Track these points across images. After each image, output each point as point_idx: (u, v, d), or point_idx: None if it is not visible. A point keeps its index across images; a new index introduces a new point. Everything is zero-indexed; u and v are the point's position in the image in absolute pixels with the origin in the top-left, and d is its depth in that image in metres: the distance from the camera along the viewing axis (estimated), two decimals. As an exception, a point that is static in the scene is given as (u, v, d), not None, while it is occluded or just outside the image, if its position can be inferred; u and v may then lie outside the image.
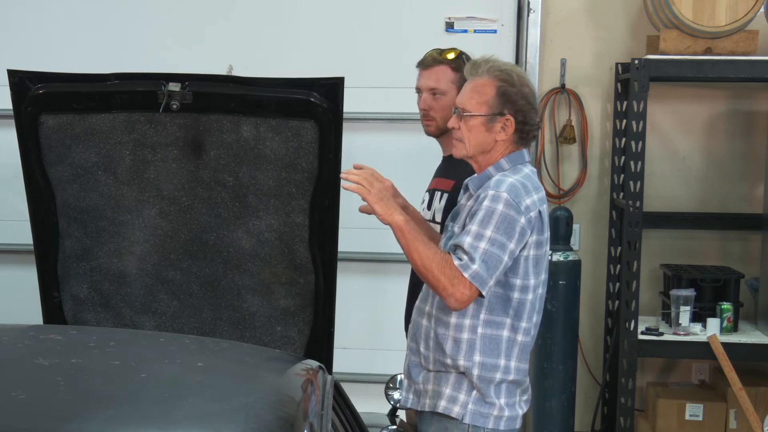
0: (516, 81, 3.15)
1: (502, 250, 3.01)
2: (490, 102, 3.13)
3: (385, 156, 5.50)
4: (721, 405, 5.26)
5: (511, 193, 3.04)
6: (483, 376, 3.12)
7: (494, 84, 3.14)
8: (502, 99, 3.13)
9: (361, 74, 5.22)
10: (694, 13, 4.99)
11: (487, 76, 3.15)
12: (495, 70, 3.15)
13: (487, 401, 3.13)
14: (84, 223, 3.75)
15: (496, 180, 3.10)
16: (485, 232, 3.01)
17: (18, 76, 3.59)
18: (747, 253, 5.59)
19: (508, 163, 3.18)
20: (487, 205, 3.03)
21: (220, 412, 2.26)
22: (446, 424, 3.16)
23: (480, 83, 3.16)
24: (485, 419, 3.13)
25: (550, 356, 5.28)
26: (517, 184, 3.08)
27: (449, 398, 3.14)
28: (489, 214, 3.02)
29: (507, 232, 3.02)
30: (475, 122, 3.15)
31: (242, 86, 3.56)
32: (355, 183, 3.05)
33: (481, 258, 2.99)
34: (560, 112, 5.63)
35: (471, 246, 2.99)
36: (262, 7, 5.57)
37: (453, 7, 5.51)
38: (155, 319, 3.82)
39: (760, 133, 5.52)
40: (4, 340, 2.73)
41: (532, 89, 3.21)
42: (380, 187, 3.08)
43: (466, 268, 2.98)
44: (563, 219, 5.33)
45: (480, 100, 3.14)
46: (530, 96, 3.17)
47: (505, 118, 3.14)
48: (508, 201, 3.03)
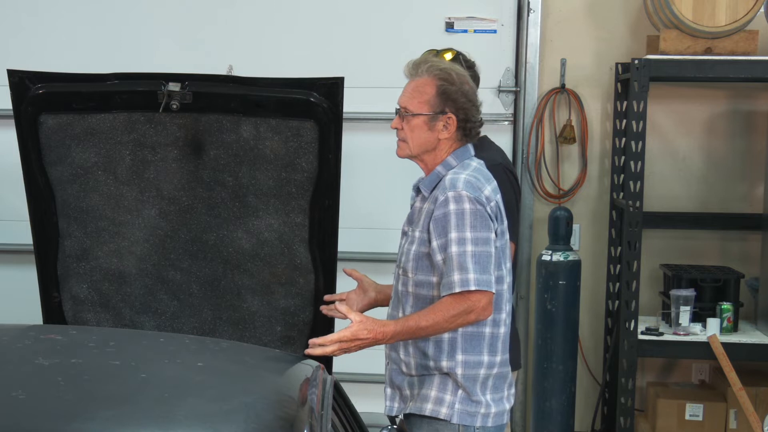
0: (455, 79, 3.18)
1: (487, 245, 3.06)
2: (431, 101, 3.16)
3: (386, 156, 5.48)
4: (721, 405, 5.26)
5: (468, 189, 3.08)
6: (467, 375, 3.13)
7: (434, 83, 3.16)
8: (443, 97, 3.16)
9: (361, 74, 5.22)
10: (694, 13, 4.99)
11: (426, 76, 3.18)
12: (434, 70, 3.18)
13: (474, 399, 3.14)
14: (84, 223, 3.75)
15: (450, 180, 3.12)
16: (465, 234, 3.04)
17: (18, 76, 3.59)
18: (747, 253, 5.59)
19: (455, 160, 3.20)
20: (454, 208, 3.06)
21: (220, 412, 2.26)
22: (436, 426, 3.16)
23: (420, 83, 3.18)
24: (473, 418, 3.14)
25: (550, 356, 5.28)
26: (470, 179, 3.11)
27: (435, 400, 3.15)
28: (460, 217, 3.05)
29: (483, 225, 3.06)
30: (417, 122, 3.18)
31: (242, 86, 3.56)
32: (337, 351, 3.05)
33: (474, 261, 3.02)
34: (560, 112, 5.63)
35: (459, 254, 3.03)
36: (262, 7, 5.57)
37: (453, 7, 5.52)
38: (155, 319, 3.82)
39: (760, 133, 5.52)
40: (4, 340, 2.73)
41: (473, 87, 3.24)
42: (356, 343, 3.05)
43: (466, 283, 3.02)
44: (563, 219, 5.33)
45: (421, 100, 3.17)
46: (470, 93, 3.20)
47: (446, 117, 3.17)
48: (469, 197, 3.06)
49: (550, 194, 5.62)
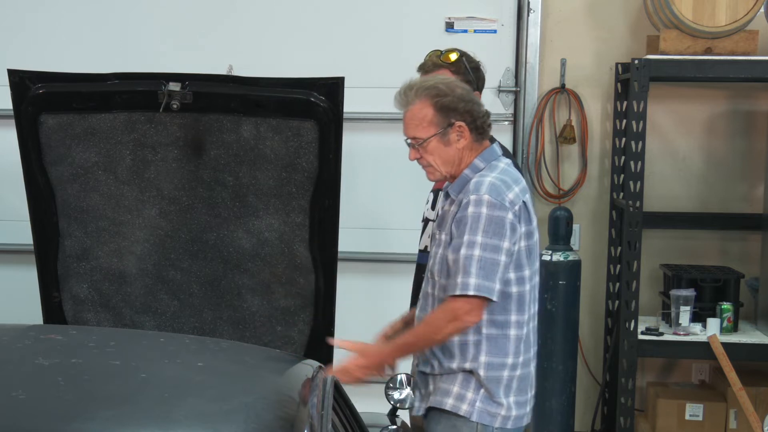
0: (446, 90, 3.17)
1: (496, 253, 3.04)
2: (434, 120, 3.15)
3: (386, 156, 5.51)
4: (721, 405, 5.26)
5: (491, 193, 3.07)
6: (490, 376, 3.13)
7: (429, 102, 3.15)
8: (444, 111, 3.15)
9: (361, 74, 5.22)
10: (694, 13, 4.99)
11: (418, 100, 3.16)
12: (422, 91, 3.16)
13: (495, 400, 3.14)
14: (84, 222, 3.75)
15: (474, 183, 3.11)
16: (476, 238, 3.04)
17: (18, 76, 3.59)
18: (747, 253, 5.59)
19: (482, 162, 3.19)
20: (472, 211, 3.06)
21: (220, 412, 2.26)
22: (454, 422, 3.16)
23: (416, 109, 3.17)
24: (493, 418, 3.14)
25: (550, 356, 5.28)
26: (496, 182, 3.10)
27: (457, 396, 3.15)
28: (475, 220, 3.05)
29: (497, 232, 3.04)
30: (432, 145, 3.17)
31: (242, 86, 3.56)
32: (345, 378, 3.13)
33: (479, 266, 3.02)
34: (560, 112, 5.63)
35: (465, 257, 3.03)
36: (262, 7, 5.57)
37: (453, 7, 5.51)
38: (155, 318, 3.82)
39: (760, 133, 5.52)
40: (4, 340, 2.73)
41: (465, 87, 3.24)
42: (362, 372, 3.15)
43: (465, 287, 3.02)
44: (563, 219, 5.33)
45: (425, 124, 3.16)
46: (466, 95, 3.20)
47: (456, 126, 3.16)
48: (490, 202, 3.05)
49: (550, 194, 5.62)
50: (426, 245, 3.79)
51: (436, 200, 3.76)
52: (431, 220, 3.77)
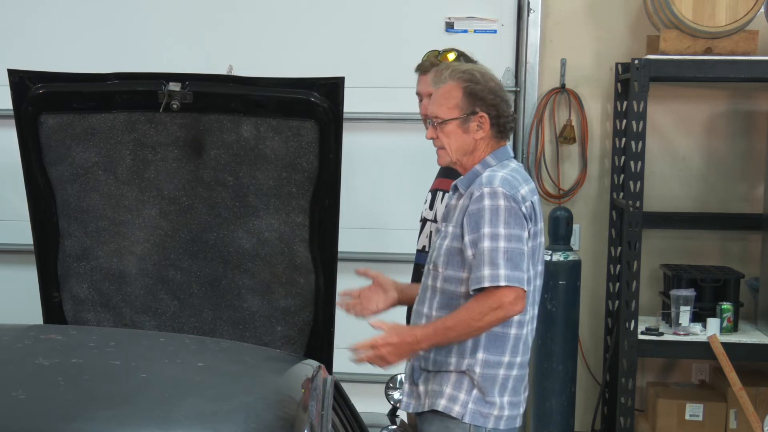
0: (480, 78, 3.18)
1: (519, 242, 3.05)
2: (459, 104, 3.16)
3: (386, 156, 5.51)
4: (721, 405, 5.26)
5: (505, 186, 3.07)
6: (485, 374, 3.12)
7: (459, 86, 3.17)
8: (471, 98, 3.16)
9: (361, 74, 5.22)
10: (694, 13, 4.99)
11: (450, 81, 3.18)
12: (457, 73, 3.18)
13: (488, 400, 3.13)
14: (84, 223, 3.75)
15: (486, 176, 3.12)
16: (499, 230, 3.03)
17: (18, 76, 3.59)
18: (747, 253, 5.59)
19: (494, 160, 3.20)
20: (489, 203, 3.05)
21: (220, 412, 2.26)
22: (447, 423, 3.16)
23: (446, 89, 3.18)
24: (485, 419, 3.13)
25: (550, 356, 5.28)
26: (508, 177, 3.11)
27: (450, 397, 3.14)
28: (494, 212, 3.04)
29: (518, 223, 3.06)
30: (450, 127, 3.17)
31: (242, 86, 3.56)
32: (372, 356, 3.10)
33: (506, 258, 3.01)
34: (560, 112, 5.63)
35: (491, 250, 3.01)
36: (262, 7, 5.57)
37: (453, 7, 5.52)
38: (155, 319, 3.82)
39: (760, 133, 5.52)
40: (4, 340, 2.74)
41: (498, 83, 3.24)
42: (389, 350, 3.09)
43: (495, 278, 3.00)
44: (563, 219, 5.33)
45: (450, 105, 3.17)
46: (498, 90, 3.20)
47: (479, 116, 3.16)
48: (505, 194, 3.06)
49: (550, 194, 5.62)
50: (424, 245, 3.79)
51: (434, 200, 3.76)
52: (429, 220, 3.77)
